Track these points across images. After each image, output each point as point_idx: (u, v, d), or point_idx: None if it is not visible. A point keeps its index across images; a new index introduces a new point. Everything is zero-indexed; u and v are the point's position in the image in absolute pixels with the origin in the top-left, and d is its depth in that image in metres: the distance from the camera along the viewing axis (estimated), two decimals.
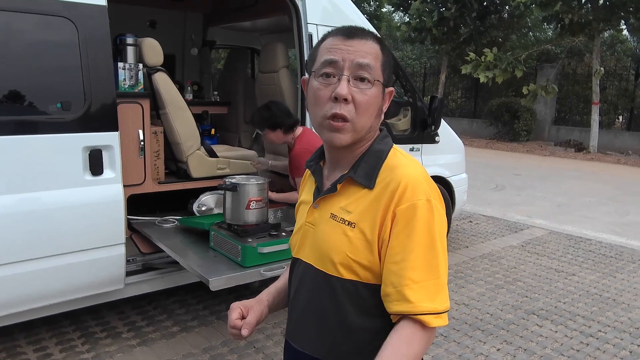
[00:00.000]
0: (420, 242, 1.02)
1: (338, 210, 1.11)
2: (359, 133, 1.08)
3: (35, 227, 2.54)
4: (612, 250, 5.22)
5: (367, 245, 1.06)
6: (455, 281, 4.18)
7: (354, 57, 1.05)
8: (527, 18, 17.79)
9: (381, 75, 1.08)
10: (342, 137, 1.07)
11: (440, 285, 1.03)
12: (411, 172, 1.06)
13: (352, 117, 1.05)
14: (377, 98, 1.09)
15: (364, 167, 1.10)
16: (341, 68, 1.05)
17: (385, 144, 1.14)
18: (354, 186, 1.10)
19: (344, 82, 1.04)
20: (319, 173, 1.20)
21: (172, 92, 3.53)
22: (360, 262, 1.06)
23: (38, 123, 2.54)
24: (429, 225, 1.03)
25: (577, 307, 3.79)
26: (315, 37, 3.54)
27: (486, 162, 10.96)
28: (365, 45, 1.07)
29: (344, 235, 1.08)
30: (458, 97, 18.71)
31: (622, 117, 15.49)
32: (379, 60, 1.08)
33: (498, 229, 5.90)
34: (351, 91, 1.04)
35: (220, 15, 5.30)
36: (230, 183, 2.94)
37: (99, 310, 3.34)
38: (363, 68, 1.05)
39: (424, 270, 1.02)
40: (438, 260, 1.03)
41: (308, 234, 1.17)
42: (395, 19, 24.20)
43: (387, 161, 1.10)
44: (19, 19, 2.44)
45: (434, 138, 4.53)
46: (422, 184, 1.05)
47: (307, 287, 1.16)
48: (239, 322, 1.22)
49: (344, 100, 1.04)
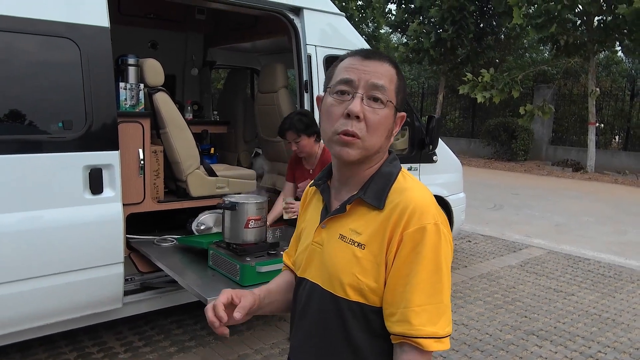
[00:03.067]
0: (426, 265, 1.02)
1: (347, 232, 1.11)
2: (368, 151, 1.09)
3: (34, 245, 2.54)
4: (610, 270, 5.22)
5: (376, 267, 1.06)
6: (454, 301, 4.17)
7: (370, 77, 1.07)
8: (523, 39, 18.07)
9: (394, 97, 1.10)
10: (350, 152, 1.08)
11: (443, 309, 1.03)
12: (420, 195, 1.07)
13: (363, 135, 1.07)
14: (389, 119, 1.10)
15: (374, 188, 1.11)
16: (356, 87, 1.07)
17: (394, 167, 1.15)
18: (363, 207, 1.11)
19: (358, 99, 1.06)
20: (327, 192, 1.21)
21: (173, 111, 3.56)
22: (369, 284, 1.06)
23: (39, 142, 2.56)
24: (435, 249, 1.03)
25: (576, 327, 3.77)
26: (314, 58, 3.59)
27: (484, 182, 10.99)
28: (381, 67, 1.09)
29: (354, 256, 1.08)
30: (456, 117, 18.85)
31: (619, 137, 15.60)
32: (394, 83, 1.10)
33: (496, 248, 5.89)
34: (364, 109, 1.06)
35: (220, 36, 5.38)
36: (229, 202, 2.95)
37: (96, 330, 3.32)
38: (377, 88, 1.07)
39: (428, 293, 1.02)
40: (442, 285, 1.03)
41: (315, 254, 1.17)
42: (393, 40, 24.51)
43: (396, 184, 1.11)
44: (23, 40, 2.47)
45: (432, 157, 4.56)
46: (431, 208, 1.06)
47: (314, 307, 1.15)
48: (223, 313, 1.11)
49: (356, 117, 1.06)
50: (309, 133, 3.23)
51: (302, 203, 1.34)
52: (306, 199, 1.32)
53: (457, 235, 6.04)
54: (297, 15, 3.58)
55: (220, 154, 5.08)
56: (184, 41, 5.49)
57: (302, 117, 3.24)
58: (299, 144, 3.24)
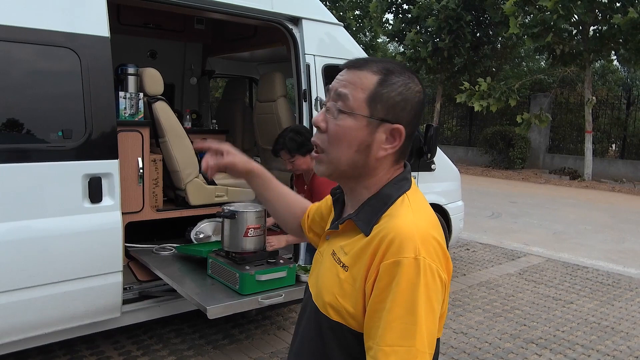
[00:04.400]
0: (399, 303, 0.92)
1: (338, 249, 1.07)
2: (335, 166, 1.04)
3: (32, 254, 2.54)
4: (609, 278, 5.22)
5: (355, 293, 1.00)
6: (453, 309, 4.16)
7: (338, 86, 1.04)
8: (519, 49, 18.20)
9: (365, 107, 1.01)
10: (318, 168, 1.07)
11: (414, 353, 0.91)
12: (405, 224, 0.97)
13: (325, 147, 1.04)
14: (355, 131, 1.01)
15: (367, 211, 1.05)
16: (329, 97, 1.06)
17: (398, 189, 1.05)
18: (354, 228, 1.06)
19: (322, 109, 1.05)
20: (339, 203, 1.18)
21: (172, 120, 3.58)
22: (347, 308, 1.01)
23: (39, 151, 2.56)
24: (412, 287, 0.92)
25: (575, 335, 3.77)
26: (312, 67, 3.61)
27: (482, 190, 11.01)
28: (355, 75, 1.02)
29: (337, 276, 1.04)
30: (453, 126, 18.91)
31: (615, 146, 15.67)
32: (367, 92, 1.01)
33: (495, 256, 5.90)
34: (326, 119, 1.04)
35: (219, 46, 5.40)
36: (228, 211, 2.95)
37: (94, 339, 3.30)
38: (340, 97, 1.02)
39: (398, 335, 0.92)
40: (416, 327, 0.91)
41: (317, 263, 1.17)
42: (390, 49, 24.63)
43: (391, 209, 1.03)
44: (23, 49, 2.48)
45: (430, 166, 4.57)
46: (413, 239, 0.94)
47: (307, 316, 1.15)
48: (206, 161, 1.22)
49: (318, 128, 1.05)
50: (302, 152, 3.10)
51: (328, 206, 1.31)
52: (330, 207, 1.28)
53: (455, 244, 6.04)
54: (296, 25, 3.60)
55: None
56: (183, 50, 5.51)
57: (295, 136, 3.11)
58: (293, 164, 3.14)
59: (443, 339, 3.58)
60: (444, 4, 15.17)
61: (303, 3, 3.65)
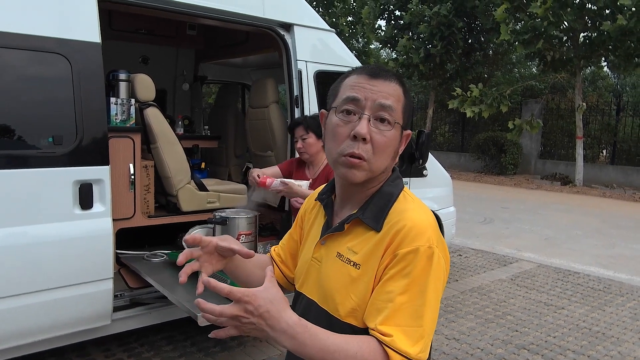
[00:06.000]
0: (412, 287, 0.99)
1: (345, 250, 1.09)
2: (374, 173, 1.08)
3: (22, 261, 2.51)
4: (600, 283, 5.25)
5: (369, 288, 1.04)
6: (445, 315, 4.17)
7: (377, 97, 1.04)
8: (511, 55, 18.33)
9: (402, 117, 1.08)
10: (356, 174, 1.06)
11: (421, 333, 0.99)
12: (417, 217, 1.05)
13: (369, 157, 1.05)
14: (395, 140, 1.08)
15: (373, 209, 1.09)
16: (363, 107, 1.05)
17: (396, 186, 1.13)
18: (361, 227, 1.09)
19: (365, 121, 1.04)
20: (329, 208, 1.19)
21: (163, 126, 3.56)
22: (361, 305, 1.04)
23: (29, 157, 2.54)
24: (424, 273, 1.00)
25: (567, 341, 3.78)
26: (304, 73, 3.62)
27: (474, 196, 11.06)
28: (388, 87, 1.06)
29: (349, 276, 1.06)
30: (445, 132, 19.01)
31: (606, 151, 15.81)
32: (401, 102, 1.08)
33: (487, 262, 5.91)
34: (370, 131, 1.04)
35: (211, 52, 5.41)
36: (220, 217, 2.94)
37: (84, 347, 3.27)
38: (385, 109, 1.05)
39: (408, 315, 0.98)
40: (424, 309, 0.99)
41: (313, 270, 1.16)
42: (382, 55, 24.74)
43: (397, 205, 1.09)
44: (14, 55, 2.47)
45: (422, 172, 4.59)
46: (427, 230, 1.03)
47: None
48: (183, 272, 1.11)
49: (363, 139, 1.04)
50: (318, 134, 3.01)
51: (306, 214, 1.31)
52: (313, 213, 1.29)
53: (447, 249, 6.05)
54: (288, 31, 3.61)
55: (211, 169, 5.08)
56: (175, 56, 5.51)
57: (316, 118, 3.06)
58: (305, 142, 3.04)
59: (435, 345, 3.58)
60: (435, 10, 15.27)
61: (295, 9, 3.66)
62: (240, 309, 0.90)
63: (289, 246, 1.35)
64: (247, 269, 1.26)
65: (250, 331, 0.93)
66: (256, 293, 0.91)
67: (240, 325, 0.91)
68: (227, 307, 0.91)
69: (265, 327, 0.91)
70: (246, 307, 0.90)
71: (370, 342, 0.98)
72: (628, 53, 12.11)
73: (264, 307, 0.90)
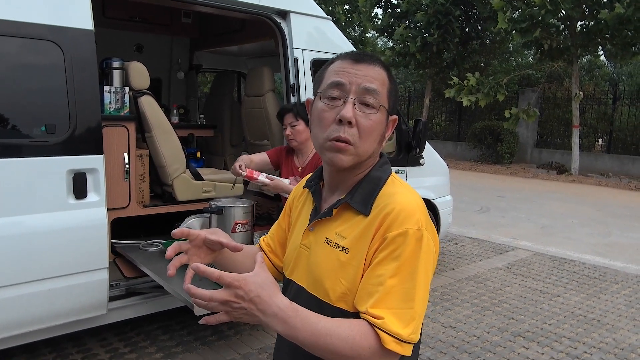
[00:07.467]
0: (403, 270, 0.99)
1: (333, 235, 1.10)
2: (361, 157, 1.08)
3: (16, 251, 2.49)
4: (595, 271, 5.27)
5: (359, 272, 1.04)
6: (441, 303, 4.18)
7: (361, 81, 1.05)
8: (508, 44, 18.28)
9: (387, 101, 1.08)
10: (343, 158, 1.07)
11: (412, 315, 0.99)
12: (406, 200, 1.06)
13: (355, 140, 1.05)
14: (381, 124, 1.08)
15: (361, 193, 1.09)
16: (347, 91, 1.05)
17: (384, 171, 1.13)
18: (349, 211, 1.10)
19: (350, 105, 1.04)
20: (318, 194, 1.19)
21: (158, 115, 3.53)
22: (351, 289, 1.04)
23: (22, 146, 2.52)
24: (413, 255, 1.00)
25: (562, 328, 3.80)
26: (300, 62, 3.58)
27: (471, 185, 11.07)
28: (372, 71, 1.07)
29: (338, 260, 1.07)
30: (442, 120, 18.99)
31: (602, 140, 15.84)
32: (386, 86, 1.08)
33: (483, 250, 5.93)
34: (356, 115, 1.04)
35: (207, 40, 5.35)
36: (215, 206, 2.93)
37: (80, 337, 3.26)
38: (369, 93, 1.05)
39: (399, 298, 0.99)
40: (415, 291, 1.00)
41: (302, 257, 1.16)
42: (379, 44, 24.64)
43: (385, 188, 1.10)
44: (5, 42, 2.43)
45: (419, 161, 4.58)
46: (416, 212, 1.04)
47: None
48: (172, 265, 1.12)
49: (348, 123, 1.04)
50: (308, 121, 3.04)
51: (294, 202, 1.31)
52: (300, 200, 1.29)
53: (444, 238, 6.08)
54: (284, 19, 3.57)
55: (206, 158, 5.05)
56: (170, 44, 5.45)
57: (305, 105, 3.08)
58: (294, 129, 3.02)
59: (431, 333, 3.60)
60: None
61: None
62: (231, 294, 0.90)
63: (277, 235, 1.35)
64: (237, 261, 1.25)
65: (241, 317, 0.92)
66: (246, 278, 0.90)
67: (231, 311, 0.91)
68: (217, 292, 0.90)
69: (256, 311, 0.91)
70: (237, 292, 0.89)
71: (361, 325, 0.98)
72: (625, 42, 12.09)
73: (254, 291, 0.90)
